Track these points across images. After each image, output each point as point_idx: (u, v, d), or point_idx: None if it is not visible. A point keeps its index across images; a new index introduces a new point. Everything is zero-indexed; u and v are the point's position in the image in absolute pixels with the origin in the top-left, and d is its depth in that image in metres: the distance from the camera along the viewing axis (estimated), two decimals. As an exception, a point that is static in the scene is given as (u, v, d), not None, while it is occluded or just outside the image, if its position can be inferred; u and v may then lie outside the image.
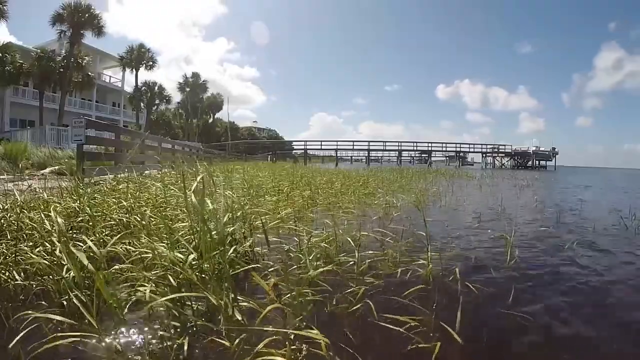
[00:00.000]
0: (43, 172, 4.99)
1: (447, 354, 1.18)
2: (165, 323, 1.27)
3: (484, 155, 37.89)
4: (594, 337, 1.38)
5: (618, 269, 2.21)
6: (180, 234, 1.69)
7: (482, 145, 38.35)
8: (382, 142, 36.40)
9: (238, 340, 1.08)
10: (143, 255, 1.51)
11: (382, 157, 42.11)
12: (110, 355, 1.08)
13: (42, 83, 22.25)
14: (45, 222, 1.78)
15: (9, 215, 2.11)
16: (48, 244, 1.69)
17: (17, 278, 1.55)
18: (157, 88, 33.53)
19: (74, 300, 1.19)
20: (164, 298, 1.20)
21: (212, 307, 1.30)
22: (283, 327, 1.13)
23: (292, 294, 1.38)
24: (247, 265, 1.60)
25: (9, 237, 1.85)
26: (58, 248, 1.48)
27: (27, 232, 1.91)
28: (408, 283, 1.73)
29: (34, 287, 1.52)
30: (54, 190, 2.83)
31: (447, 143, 38.01)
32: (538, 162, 37.27)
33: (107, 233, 1.95)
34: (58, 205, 2.29)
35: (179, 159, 6.99)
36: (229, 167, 7.24)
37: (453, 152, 38.11)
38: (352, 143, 35.49)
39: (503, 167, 36.74)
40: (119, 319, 1.17)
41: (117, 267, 1.53)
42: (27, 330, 1.13)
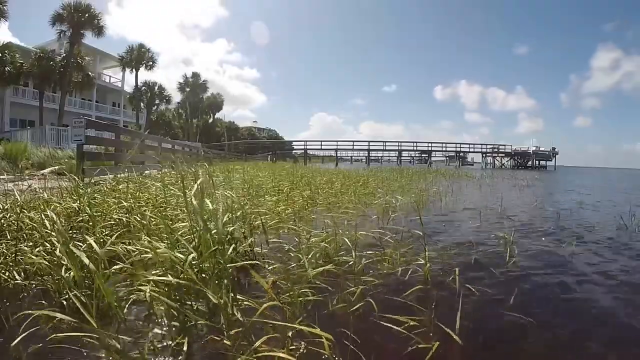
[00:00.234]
0: (43, 172, 4.99)
1: (446, 354, 1.18)
2: (166, 322, 1.28)
3: (484, 155, 37.90)
4: (594, 337, 1.39)
5: (618, 269, 2.21)
6: (180, 234, 1.70)
7: (482, 145, 38.39)
8: (382, 142, 36.47)
9: (237, 338, 1.08)
10: (143, 255, 1.51)
11: (382, 157, 42.12)
12: (111, 355, 1.08)
13: (42, 83, 22.25)
14: (46, 222, 1.78)
15: (9, 215, 2.11)
16: (48, 244, 1.69)
17: (17, 278, 1.55)
18: (157, 88, 33.50)
19: (74, 300, 1.19)
20: (166, 279, 1.20)
21: (212, 306, 1.30)
22: (282, 325, 1.14)
23: (290, 293, 1.38)
24: (247, 266, 1.60)
25: (9, 237, 1.85)
26: (58, 248, 1.48)
27: (27, 232, 1.91)
28: (407, 283, 1.73)
29: (34, 287, 1.53)
30: (54, 190, 2.83)
31: (447, 143, 38.06)
32: (538, 162, 37.27)
33: (107, 233, 1.95)
34: (58, 205, 2.29)
35: (179, 159, 6.99)
36: (229, 167, 7.24)
37: (453, 152, 38.11)
38: (352, 143, 35.53)
39: (503, 167, 36.74)
40: (119, 318, 1.17)
41: (117, 267, 1.53)
42: (27, 331, 1.13)
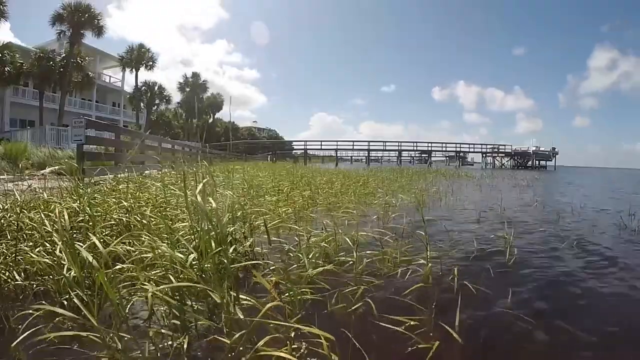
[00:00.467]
0: (43, 172, 4.99)
1: (446, 354, 1.18)
2: (166, 322, 1.28)
3: (484, 155, 37.91)
4: (594, 337, 1.38)
5: (618, 269, 2.21)
6: (181, 234, 1.70)
7: (482, 145, 38.41)
8: (382, 142, 36.50)
9: (239, 338, 1.08)
10: (143, 255, 1.51)
11: (382, 157, 42.13)
12: (111, 354, 1.08)
13: (42, 83, 22.25)
14: (46, 222, 1.78)
15: (9, 215, 2.11)
16: (48, 244, 1.69)
17: (17, 278, 1.55)
18: (157, 88, 33.52)
19: (75, 300, 1.19)
20: (169, 285, 1.20)
21: (212, 306, 1.30)
22: (284, 325, 1.14)
23: (290, 293, 1.38)
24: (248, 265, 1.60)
25: (9, 237, 1.85)
26: (58, 247, 1.48)
27: (27, 232, 1.91)
28: (407, 282, 1.73)
29: (34, 287, 1.53)
30: (54, 190, 2.83)
31: (447, 143, 38.08)
32: (538, 162, 37.27)
33: (107, 233, 1.95)
34: (58, 205, 2.29)
35: (179, 159, 6.99)
36: (229, 167, 7.24)
37: (453, 152, 38.12)
38: (352, 143, 35.55)
39: (503, 167, 36.74)
40: (121, 317, 1.17)
41: (118, 267, 1.53)
42: (28, 331, 1.13)
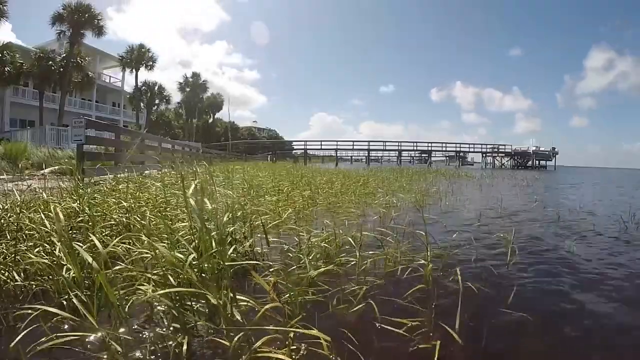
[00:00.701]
0: (43, 172, 4.99)
1: (447, 354, 1.18)
2: (165, 323, 1.27)
3: (484, 155, 37.90)
4: (594, 337, 1.38)
5: (618, 268, 2.21)
6: (180, 234, 1.69)
7: (482, 145, 38.40)
8: (382, 142, 36.45)
9: (237, 339, 1.08)
10: (143, 255, 1.51)
11: (382, 157, 42.10)
12: (110, 355, 1.08)
13: (42, 83, 22.23)
14: (45, 222, 1.77)
15: (9, 215, 2.11)
16: (48, 244, 1.69)
17: (16, 278, 1.54)
18: (157, 88, 33.51)
19: (74, 300, 1.18)
20: (166, 291, 1.20)
21: (211, 307, 1.30)
22: (283, 326, 1.13)
23: (291, 294, 1.38)
24: (247, 266, 1.60)
25: (9, 237, 1.85)
26: (58, 248, 1.48)
27: (27, 232, 1.90)
28: (408, 283, 1.73)
29: (34, 287, 1.52)
30: (54, 190, 2.82)
31: (447, 143, 38.06)
32: (538, 162, 37.26)
33: (107, 233, 1.95)
34: (58, 205, 2.29)
35: (179, 159, 6.99)
36: (229, 167, 7.24)
37: (453, 152, 38.11)
38: (352, 143, 35.53)
39: (503, 167, 36.73)
40: (121, 317, 1.17)
41: (117, 267, 1.53)
42: (27, 330, 1.13)
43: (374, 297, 1.54)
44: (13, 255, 1.66)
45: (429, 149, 36.77)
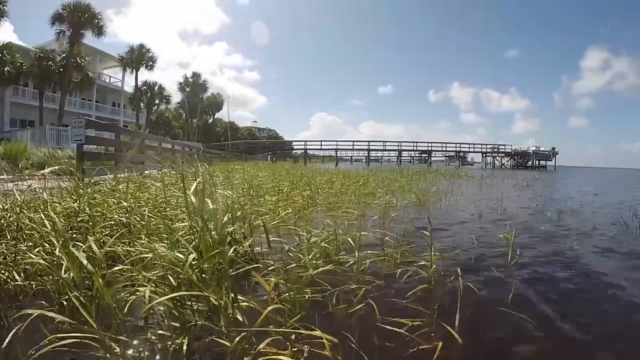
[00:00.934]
0: (43, 172, 4.98)
1: (448, 354, 1.17)
2: (165, 323, 1.27)
3: (484, 155, 37.90)
4: (595, 337, 1.38)
5: (618, 269, 2.20)
6: (180, 234, 1.69)
7: (482, 145, 38.40)
8: (382, 142, 36.44)
9: (238, 340, 1.07)
10: (143, 256, 1.51)
11: (382, 157, 42.10)
12: (110, 356, 1.08)
13: (42, 83, 22.23)
14: (45, 222, 1.77)
15: (9, 215, 2.10)
16: (47, 244, 1.68)
17: (16, 278, 1.54)
18: (157, 88, 33.52)
19: (74, 301, 1.18)
20: (165, 297, 1.20)
21: (212, 307, 1.30)
22: (284, 326, 1.13)
23: (291, 294, 1.38)
24: (247, 265, 1.60)
25: (9, 237, 1.84)
26: (57, 248, 1.47)
27: (26, 232, 1.90)
28: (409, 283, 1.73)
29: (34, 287, 1.52)
30: (54, 190, 2.82)
31: (447, 143, 38.06)
32: (538, 162, 37.26)
33: (106, 233, 1.95)
34: (58, 206, 2.29)
35: (179, 159, 6.99)
36: (229, 167, 7.23)
37: (453, 152, 38.11)
38: (352, 143, 35.53)
39: (503, 167, 36.73)
40: (119, 319, 1.16)
41: (117, 267, 1.53)
42: (27, 331, 1.13)
43: (375, 296, 1.53)
44: (13, 255, 1.65)
45: (429, 149, 36.76)
